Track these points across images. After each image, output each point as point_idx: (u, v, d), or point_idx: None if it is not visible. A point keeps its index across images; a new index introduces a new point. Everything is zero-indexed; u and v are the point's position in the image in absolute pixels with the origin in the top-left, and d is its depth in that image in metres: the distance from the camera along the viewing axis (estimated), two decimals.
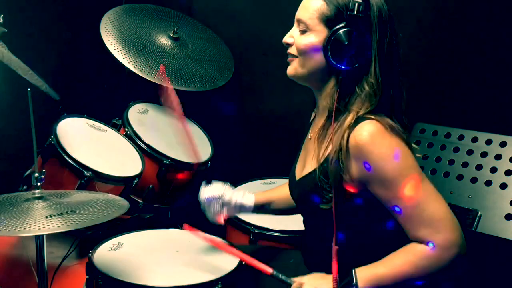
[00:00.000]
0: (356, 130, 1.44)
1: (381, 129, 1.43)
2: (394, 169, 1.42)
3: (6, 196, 1.66)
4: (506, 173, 1.95)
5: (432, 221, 1.41)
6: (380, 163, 1.42)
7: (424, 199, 1.42)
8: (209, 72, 2.75)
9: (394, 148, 1.42)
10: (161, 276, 1.65)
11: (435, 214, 1.41)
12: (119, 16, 2.72)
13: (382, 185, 1.44)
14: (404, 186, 1.41)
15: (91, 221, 1.48)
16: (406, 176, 1.42)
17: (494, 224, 1.92)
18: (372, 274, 1.46)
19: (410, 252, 1.44)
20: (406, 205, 1.43)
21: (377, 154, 1.42)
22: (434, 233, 1.41)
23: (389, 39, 1.50)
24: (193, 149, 1.85)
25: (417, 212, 1.42)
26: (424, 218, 1.42)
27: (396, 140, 1.44)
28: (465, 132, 2.11)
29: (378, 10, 1.48)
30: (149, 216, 2.40)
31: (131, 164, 2.33)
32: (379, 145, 1.42)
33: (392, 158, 1.41)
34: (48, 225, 1.43)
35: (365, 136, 1.42)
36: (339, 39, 1.46)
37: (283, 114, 2.96)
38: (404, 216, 1.44)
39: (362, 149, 1.43)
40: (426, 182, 1.44)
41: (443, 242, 1.40)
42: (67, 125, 2.30)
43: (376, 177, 1.43)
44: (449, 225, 1.41)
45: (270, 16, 2.93)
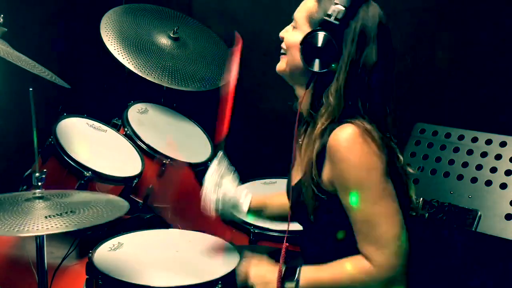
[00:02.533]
0: (335, 131, 1.44)
1: (357, 134, 1.42)
2: (356, 178, 1.41)
3: (7, 195, 1.66)
4: (506, 173, 1.95)
5: (378, 240, 1.42)
6: (346, 168, 1.41)
7: (377, 217, 1.42)
8: (209, 72, 2.75)
9: (364, 157, 1.41)
10: (161, 276, 1.65)
11: (383, 234, 1.41)
12: (119, 16, 2.72)
13: (343, 191, 1.44)
14: (361, 198, 1.41)
15: (90, 222, 1.48)
16: (366, 189, 1.41)
17: (494, 224, 1.92)
18: (314, 276, 1.49)
19: (352, 264, 1.46)
20: (359, 217, 1.43)
21: (345, 159, 1.41)
22: (377, 252, 1.42)
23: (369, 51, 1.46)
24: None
25: (367, 228, 1.43)
26: (372, 235, 1.42)
27: (370, 150, 1.42)
28: (465, 132, 2.11)
29: (362, 24, 1.45)
30: (149, 216, 2.40)
31: (131, 164, 2.33)
32: (350, 150, 1.41)
33: (358, 167, 1.41)
34: (47, 225, 1.43)
35: (339, 138, 1.42)
36: (311, 40, 1.46)
37: (283, 114, 2.95)
38: (355, 227, 1.45)
39: (334, 151, 1.43)
40: (387, 200, 1.43)
41: (382, 263, 1.41)
42: (67, 125, 2.30)
43: (340, 181, 1.44)
44: (394, 249, 1.41)
45: (270, 16, 2.93)
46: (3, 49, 1.90)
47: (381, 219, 1.42)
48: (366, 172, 1.41)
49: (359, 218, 1.43)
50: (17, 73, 2.07)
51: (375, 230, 1.42)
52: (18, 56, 1.95)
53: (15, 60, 1.87)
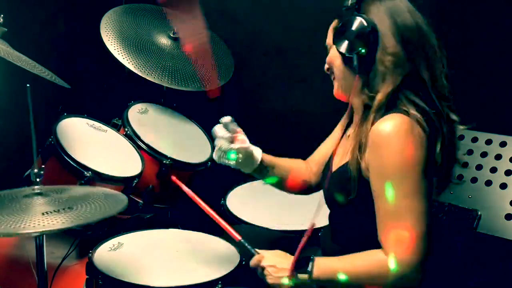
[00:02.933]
0: (382, 119, 1.45)
1: (403, 126, 1.42)
2: (394, 166, 1.41)
3: (5, 192, 1.65)
4: (506, 173, 1.96)
5: (403, 235, 1.41)
6: (386, 155, 1.41)
7: (403, 211, 1.41)
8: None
9: (407, 148, 1.41)
10: (161, 276, 1.65)
11: (409, 230, 1.40)
12: (119, 16, 2.72)
13: (377, 177, 1.44)
14: (396, 189, 1.41)
15: (88, 218, 1.46)
16: (401, 180, 1.41)
17: (494, 224, 1.92)
18: (329, 267, 1.49)
19: (370, 258, 1.45)
20: (385, 207, 1.43)
21: (386, 148, 1.41)
22: (398, 246, 1.41)
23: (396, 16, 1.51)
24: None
25: (392, 219, 1.42)
26: (395, 228, 1.41)
27: (415, 142, 1.42)
28: (465, 132, 2.11)
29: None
30: (149, 216, 2.40)
31: (131, 164, 2.33)
32: (395, 140, 1.41)
33: (396, 159, 1.41)
34: (43, 222, 1.41)
35: (386, 127, 1.42)
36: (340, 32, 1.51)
37: (283, 114, 2.96)
38: (379, 216, 1.44)
39: (377, 139, 1.43)
40: (418, 197, 1.42)
41: (402, 258, 1.40)
42: (67, 125, 2.30)
43: (377, 167, 1.44)
44: (417, 246, 1.40)
45: (270, 16, 2.93)
46: (3, 49, 1.90)
47: (408, 215, 1.41)
48: (406, 163, 1.41)
49: (387, 207, 1.42)
50: (17, 73, 2.07)
51: (400, 223, 1.41)
52: (18, 56, 1.95)
53: (15, 60, 1.87)
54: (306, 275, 1.49)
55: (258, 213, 2.19)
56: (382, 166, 1.42)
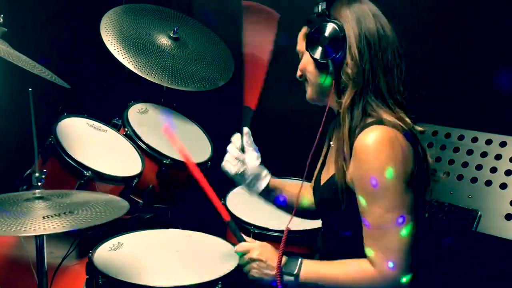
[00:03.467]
0: (364, 132, 1.45)
1: (385, 138, 1.42)
2: (378, 184, 1.41)
3: (7, 195, 1.66)
4: (506, 173, 1.96)
5: (386, 248, 1.42)
6: (368, 170, 1.42)
7: (389, 225, 1.41)
8: (209, 72, 2.75)
9: (388, 162, 1.40)
10: (161, 276, 1.65)
11: (392, 243, 1.41)
12: (119, 16, 2.72)
13: (361, 191, 1.44)
14: (377, 203, 1.41)
15: (88, 222, 1.47)
16: (383, 196, 1.41)
17: (494, 224, 1.92)
18: (315, 270, 1.50)
19: (356, 266, 1.46)
20: (370, 221, 1.43)
21: (369, 161, 1.42)
22: (383, 260, 1.42)
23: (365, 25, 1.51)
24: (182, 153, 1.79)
25: (377, 233, 1.43)
26: (380, 242, 1.42)
27: (397, 156, 1.42)
28: (465, 132, 2.11)
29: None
30: (149, 216, 2.40)
31: (131, 164, 2.33)
32: (376, 153, 1.41)
33: (379, 173, 1.40)
34: (44, 226, 1.42)
35: (367, 141, 1.42)
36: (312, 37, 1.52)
37: (283, 114, 2.96)
38: (365, 230, 1.45)
39: (360, 151, 1.44)
40: (402, 210, 1.42)
41: (386, 271, 1.41)
42: (67, 125, 2.30)
43: (360, 182, 1.44)
44: (401, 260, 1.41)
45: None
46: (3, 49, 1.90)
47: (392, 229, 1.41)
48: (387, 180, 1.41)
49: (371, 222, 1.43)
50: (17, 73, 2.07)
51: (385, 237, 1.42)
52: (18, 56, 1.95)
53: (15, 60, 1.87)
54: (292, 277, 1.49)
55: (258, 213, 2.19)
56: (365, 181, 1.43)
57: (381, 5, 1.55)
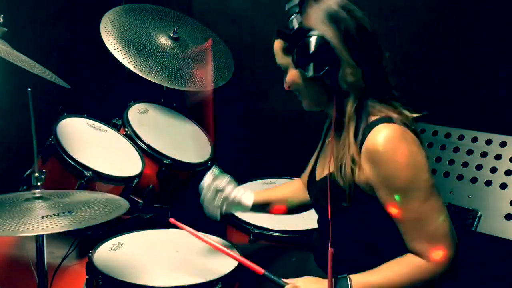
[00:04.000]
0: (372, 133, 1.43)
1: (397, 135, 1.42)
2: (405, 178, 1.41)
3: (6, 196, 1.66)
4: (506, 173, 1.95)
5: (433, 236, 1.42)
6: (392, 170, 1.41)
7: (428, 214, 1.42)
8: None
9: (408, 157, 1.41)
10: (161, 276, 1.65)
11: (437, 230, 1.42)
12: (119, 16, 2.72)
13: (389, 192, 1.43)
14: (411, 198, 1.41)
15: (87, 222, 1.47)
16: (416, 188, 1.41)
17: (494, 224, 1.92)
18: (366, 282, 1.47)
19: (406, 264, 1.45)
20: (409, 217, 1.43)
21: (390, 161, 1.41)
22: (432, 248, 1.42)
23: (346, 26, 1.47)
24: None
25: (419, 226, 1.43)
26: (425, 232, 1.42)
27: (413, 147, 1.43)
28: (465, 132, 2.11)
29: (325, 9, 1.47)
30: (149, 216, 2.40)
31: (131, 164, 2.33)
32: (394, 152, 1.41)
33: (406, 167, 1.41)
34: (43, 226, 1.42)
35: (380, 141, 1.41)
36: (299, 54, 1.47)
37: (283, 114, 2.96)
38: (405, 227, 1.45)
39: (376, 154, 1.42)
40: (435, 196, 1.43)
41: (439, 258, 1.42)
42: (67, 125, 2.30)
43: (385, 184, 1.43)
44: (447, 242, 1.43)
45: (270, 16, 2.93)
46: (3, 49, 1.90)
47: (433, 216, 1.42)
48: (415, 172, 1.41)
49: (409, 217, 1.43)
50: (17, 73, 2.07)
51: (427, 227, 1.42)
52: (18, 56, 1.95)
53: (15, 60, 1.87)
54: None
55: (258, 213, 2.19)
56: (392, 181, 1.42)
57: (382, 5, 1.55)
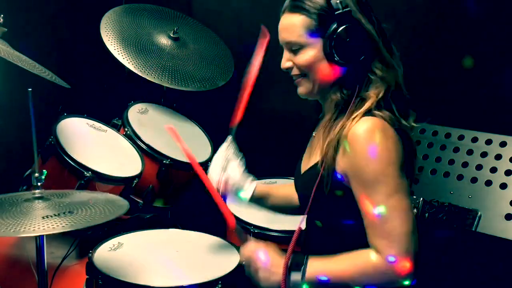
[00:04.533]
0: (355, 123, 1.45)
1: (376, 128, 1.43)
2: (372, 171, 1.41)
3: (6, 196, 1.66)
4: (506, 173, 1.96)
5: (390, 235, 1.41)
6: (362, 161, 1.42)
7: (390, 211, 1.41)
8: (209, 72, 2.75)
9: (382, 150, 1.42)
10: (161, 276, 1.65)
11: (396, 229, 1.41)
12: (119, 16, 2.72)
13: (357, 182, 1.44)
14: (376, 191, 1.42)
15: (88, 222, 1.47)
16: (381, 183, 1.41)
17: (494, 224, 1.92)
18: (322, 267, 1.47)
19: (361, 258, 1.45)
20: (371, 210, 1.43)
21: (361, 151, 1.42)
22: (388, 247, 1.41)
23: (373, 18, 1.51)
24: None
25: (379, 221, 1.42)
26: (384, 229, 1.42)
27: (390, 143, 1.43)
28: (465, 132, 2.11)
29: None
30: (149, 216, 2.40)
31: (131, 164, 2.33)
32: (368, 143, 1.42)
33: (374, 160, 1.41)
34: (43, 226, 1.42)
35: (359, 131, 1.43)
36: (338, 40, 1.47)
37: (283, 114, 2.96)
38: (366, 220, 1.45)
39: (351, 143, 1.44)
40: (401, 195, 1.43)
41: (392, 258, 1.41)
42: (67, 125, 2.30)
43: (355, 173, 1.44)
44: (404, 244, 1.41)
45: (270, 16, 2.93)
46: (3, 49, 1.90)
47: (394, 214, 1.41)
48: (383, 166, 1.41)
49: (372, 210, 1.43)
50: (17, 73, 2.07)
51: (387, 224, 1.41)
52: (18, 56, 1.95)
53: (15, 60, 1.87)
54: (299, 276, 1.47)
55: (258, 213, 2.19)
56: (361, 171, 1.43)
57: (381, 5, 1.55)
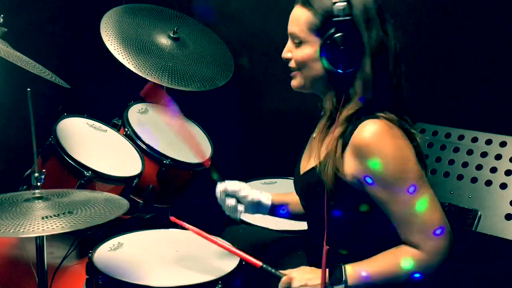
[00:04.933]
0: (359, 128, 1.45)
1: (384, 129, 1.43)
2: (394, 171, 1.42)
3: (6, 196, 1.66)
4: (506, 173, 1.95)
5: (426, 227, 1.42)
6: (380, 164, 1.42)
7: (420, 205, 1.42)
8: (209, 72, 2.75)
9: (395, 150, 1.42)
10: (161, 276, 1.65)
11: (429, 220, 1.42)
12: (119, 16, 2.72)
13: (379, 186, 1.44)
14: (401, 190, 1.42)
15: (87, 222, 1.47)
16: (404, 180, 1.42)
17: (494, 224, 1.92)
18: (360, 270, 1.47)
19: (400, 254, 1.45)
20: (401, 209, 1.43)
21: (377, 155, 1.42)
22: (425, 239, 1.42)
23: (379, 32, 1.49)
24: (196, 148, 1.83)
25: (411, 217, 1.43)
26: (418, 223, 1.43)
27: (400, 141, 1.44)
28: (465, 132, 2.11)
29: (362, 8, 1.47)
30: (149, 216, 2.40)
31: (131, 164, 2.33)
32: (380, 146, 1.42)
33: (393, 161, 1.42)
34: (43, 226, 1.42)
35: (367, 135, 1.43)
36: (331, 45, 1.47)
37: (283, 114, 2.96)
38: (398, 219, 1.45)
39: (362, 148, 1.43)
40: (425, 187, 1.44)
41: (432, 249, 1.42)
42: (67, 125, 2.30)
43: (375, 178, 1.44)
44: (445, 229, 1.42)
45: (270, 16, 2.93)
46: (3, 49, 1.90)
47: (424, 206, 1.42)
48: (404, 164, 1.42)
49: (400, 210, 1.43)
50: (17, 73, 2.07)
51: (420, 217, 1.42)
52: (18, 56, 1.95)
53: (15, 60, 1.87)
54: (342, 286, 1.47)
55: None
56: (380, 174, 1.43)
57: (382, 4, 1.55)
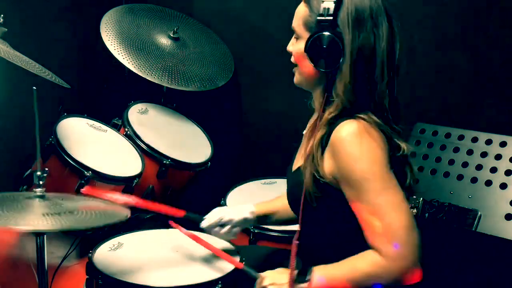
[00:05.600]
0: (337, 128, 1.45)
1: (360, 129, 1.43)
2: (360, 171, 1.42)
3: (7, 194, 1.65)
4: (506, 173, 1.95)
5: (387, 231, 1.40)
6: (349, 162, 1.42)
7: (383, 207, 1.41)
8: (209, 72, 2.75)
9: (366, 150, 1.42)
10: (161, 276, 1.65)
11: (391, 224, 1.40)
12: (119, 16, 2.72)
13: (347, 184, 1.45)
14: (366, 190, 1.41)
15: (87, 223, 1.47)
16: (370, 181, 1.41)
17: (494, 224, 1.92)
18: (327, 274, 1.47)
19: (363, 259, 1.45)
20: (365, 210, 1.43)
21: (348, 153, 1.42)
22: (386, 243, 1.40)
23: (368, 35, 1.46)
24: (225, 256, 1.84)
25: (374, 219, 1.42)
26: (380, 227, 1.41)
27: (373, 143, 1.43)
28: (465, 132, 2.11)
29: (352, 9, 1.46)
30: (149, 216, 2.40)
31: (131, 164, 2.33)
32: (353, 144, 1.42)
33: (362, 160, 1.42)
34: (44, 222, 1.42)
35: (342, 134, 1.43)
36: (314, 43, 1.47)
37: (283, 114, 2.96)
38: (361, 221, 1.45)
39: (337, 146, 1.44)
40: (391, 190, 1.43)
41: (393, 254, 1.39)
42: (67, 125, 2.31)
43: (344, 175, 1.44)
44: (404, 238, 1.39)
45: (270, 16, 2.93)
46: (3, 49, 1.90)
47: (387, 209, 1.41)
48: (370, 165, 1.42)
49: (365, 210, 1.43)
50: (17, 73, 2.07)
51: (382, 221, 1.40)
52: (18, 56, 1.95)
53: (15, 60, 1.87)
54: (305, 285, 1.47)
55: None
56: (348, 173, 1.43)
57: None
